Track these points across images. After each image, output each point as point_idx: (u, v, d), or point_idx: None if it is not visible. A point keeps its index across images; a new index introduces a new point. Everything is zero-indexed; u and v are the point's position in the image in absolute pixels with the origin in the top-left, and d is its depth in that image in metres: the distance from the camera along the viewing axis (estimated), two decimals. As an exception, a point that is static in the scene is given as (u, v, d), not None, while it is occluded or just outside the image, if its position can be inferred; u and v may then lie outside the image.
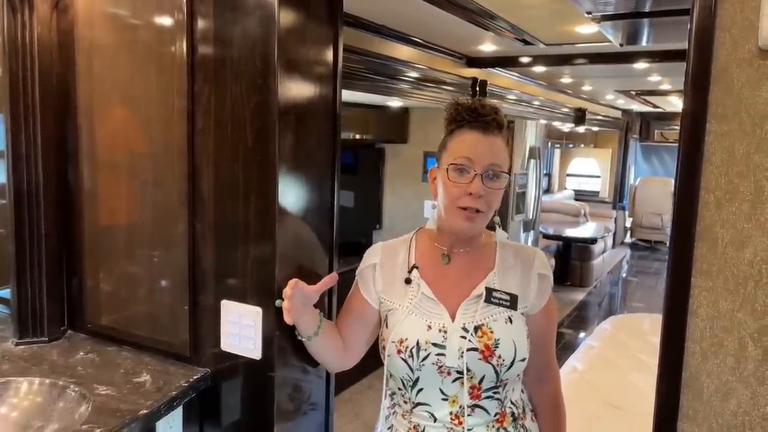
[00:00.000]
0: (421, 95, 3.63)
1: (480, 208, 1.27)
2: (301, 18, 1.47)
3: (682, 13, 2.55)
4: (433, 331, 1.28)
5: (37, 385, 1.49)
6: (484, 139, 1.29)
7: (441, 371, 1.27)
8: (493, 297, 1.30)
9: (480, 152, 1.27)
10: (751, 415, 1.05)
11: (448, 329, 1.28)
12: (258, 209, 1.46)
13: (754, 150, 1.01)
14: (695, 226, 1.06)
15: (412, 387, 1.31)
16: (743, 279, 1.03)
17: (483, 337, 1.26)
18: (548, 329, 1.41)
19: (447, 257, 1.37)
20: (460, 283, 1.34)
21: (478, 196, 1.25)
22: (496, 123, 1.31)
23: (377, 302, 1.41)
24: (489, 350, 1.26)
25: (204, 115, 1.51)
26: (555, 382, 1.46)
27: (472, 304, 1.30)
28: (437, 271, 1.36)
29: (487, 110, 1.30)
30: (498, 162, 1.28)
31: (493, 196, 1.28)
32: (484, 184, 1.26)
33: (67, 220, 1.78)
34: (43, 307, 1.74)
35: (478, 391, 1.28)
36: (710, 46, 1.02)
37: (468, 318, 1.29)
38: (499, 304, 1.30)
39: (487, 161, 1.27)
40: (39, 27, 1.66)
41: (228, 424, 1.60)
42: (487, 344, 1.26)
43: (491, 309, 1.30)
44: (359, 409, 3.73)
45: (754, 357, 1.04)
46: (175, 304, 1.61)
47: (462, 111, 1.31)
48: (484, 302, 1.30)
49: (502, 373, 1.27)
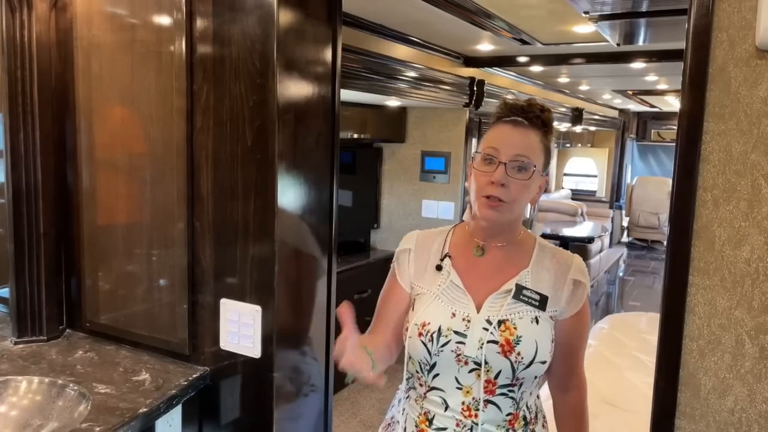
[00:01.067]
0: (418, 95, 3.63)
1: (502, 197, 1.27)
2: (300, 17, 1.47)
3: (678, 12, 2.56)
4: (456, 318, 1.29)
5: (36, 384, 1.49)
6: (514, 131, 1.31)
7: (459, 359, 1.28)
8: (522, 295, 1.31)
9: (507, 143, 1.29)
10: (748, 412, 1.06)
11: (472, 319, 1.29)
12: (257, 208, 1.47)
13: (751, 149, 1.01)
14: (693, 224, 1.06)
15: (429, 371, 1.32)
16: (740, 277, 1.04)
17: (505, 331, 1.27)
18: (578, 336, 1.39)
19: (481, 249, 1.37)
20: (491, 276, 1.34)
21: (499, 184, 1.26)
22: (541, 121, 1.33)
23: (410, 287, 1.41)
24: (509, 345, 1.26)
25: (203, 114, 1.51)
26: (580, 391, 1.44)
27: (500, 298, 1.31)
28: (469, 263, 1.37)
29: (533, 108, 1.33)
30: (525, 153, 1.29)
31: (517, 187, 1.28)
32: (508, 174, 1.27)
33: (66, 218, 1.78)
34: (41, 306, 1.74)
35: (493, 386, 1.28)
36: (708, 45, 1.02)
37: (494, 311, 1.29)
38: (528, 303, 1.30)
39: (513, 152, 1.28)
40: (37, 26, 1.66)
41: (227, 422, 1.60)
42: (508, 339, 1.26)
43: (519, 306, 1.30)
44: (357, 407, 3.73)
45: (751, 354, 1.04)
46: (174, 302, 1.61)
47: (506, 108, 1.35)
48: (513, 299, 1.30)
49: (519, 370, 1.27)
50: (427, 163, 4.46)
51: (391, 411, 1.47)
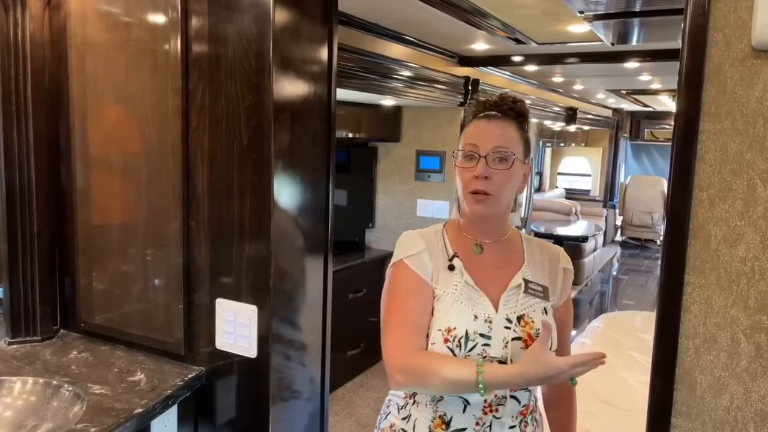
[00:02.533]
0: (413, 94, 3.63)
1: (488, 190, 1.29)
2: (295, 16, 1.47)
3: (672, 12, 2.57)
4: (479, 321, 1.29)
5: (30, 385, 1.48)
6: (490, 125, 1.33)
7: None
8: (530, 288, 1.33)
9: (485, 137, 1.31)
10: (744, 410, 1.06)
11: (493, 319, 1.29)
12: (253, 207, 1.46)
13: (746, 148, 1.02)
14: (689, 223, 1.07)
15: None
16: (736, 276, 1.04)
17: (525, 326, 1.29)
18: (568, 322, 1.46)
19: (480, 247, 1.38)
20: (495, 273, 1.35)
21: (483, 177, 1.28)
22: (515, 112, 1.35)
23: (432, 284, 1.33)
24: (531, 339, 1.28)
25: (198, 113, 1.50)
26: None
27: (512, 294, 1.32)
28: (472, 261, 1.37)
29: (506, 101, 1.35)
30: (503, 144, 1.30)
31: (501, 177, 1.29)
32: (490, 165, 1.28)
33: (60, 218, 1.77)
34: (35, 307, 1.73)
35: None
36: (704, 45, 1.03)
37: (510, 308, 1.31)
38: (535, 295, 1.33)
39: (491, 144, 1.29)
40: (31, 24, 1.64)
41: (223, 422, 1.60)
42: (529, 333, 1.28)
43: (529, 300, 1.33)
44: (352, 407, 3.73)
45: (746, 353, 1.05)
46: (169, 302, 1.61)
47: (479, 105, 1.37)
48: (524, 293, 1.32)
49: None
50: (422, 162, 4.47)
51: (388, 419, 1.40)
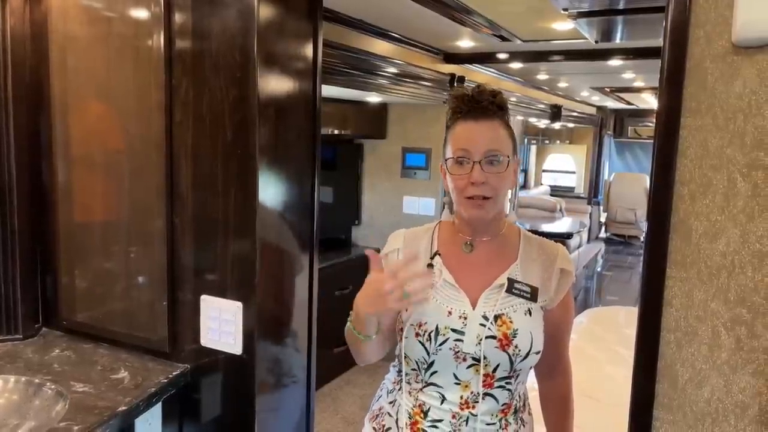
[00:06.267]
0: (399, 90, 3.63)
1: (486, 195, 1.28)
2: (280, 11, 1.46)
3: (655, 10, 2.60)
4: (453, 317, 1.29)
5: (12, 383, 1.47)
6: (478, 127, 1.30)
7: (457, 357, 1.28)
8: (514, 288, 1.32)
9: (475, 141, 1.28)
10: (725, 402, 1.07)
11: (469, 316, 1.29)
12: (237, 204, 1.46)
13: (726, 144, 1.03)
14: (670, 218, 1.08)
15: (427, 369, 1.32)
16: (716, 270, 1.06)
17: (502, 326, 1.28)
18: (564, 322, 1.42)
19: (470, 246, 1.37)
20: (482, 271, 1.35)
21: (480, 183, 1.27)
22: (496, 106, 1.32)
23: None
24: (507, 339, 1.27)
25: (182, 108, 1.49)
26: (566, 376, 1.48)
27: (494, 293, 1.32)
28: (460, 259, 1.37)
29: (484, 96, 1.31)
30: (495, 147, 1.28)
31: (496, 180, 1.28)
32: (484, 170, 1.27)
33: (42, 215, 1.74)
34: (17, 305, 1.71)
35: (492, 379, 1.29)
36: (685, 42, 1.04)
37: (489, 307, 1.30)
38: (519, 296, 1.31)
39: (483, 148, 1.28)
40: (11, 19, 1.62)
41: (208, 420, 1.59)
42: (505, 333, 1.28)
43: (512, 299, 1.31)
44: (339, 404, 3.73)
45: (727, 346, 1.06)
46: (153, 299, 1.60)
47: (459, 102, 1.33)
48: (506, 293, 1.31)
49: (517, 363, 1.28)
50: (407, 159, 4.47)
51: (379, 402, 1.46)
